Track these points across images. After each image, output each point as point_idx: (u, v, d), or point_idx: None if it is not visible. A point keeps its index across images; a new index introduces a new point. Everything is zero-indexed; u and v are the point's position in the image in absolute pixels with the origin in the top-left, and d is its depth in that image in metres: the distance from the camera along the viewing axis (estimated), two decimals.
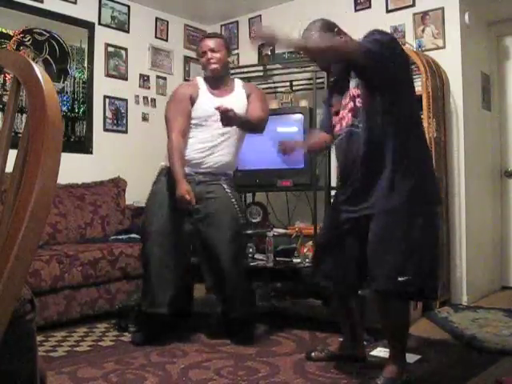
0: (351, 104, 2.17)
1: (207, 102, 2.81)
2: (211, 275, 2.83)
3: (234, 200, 2.82)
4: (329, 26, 2.27)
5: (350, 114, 2.18)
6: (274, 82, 4.29)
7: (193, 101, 2.84)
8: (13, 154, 0.90)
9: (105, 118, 4.20)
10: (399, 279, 1.96)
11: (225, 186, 2.83)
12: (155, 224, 2.75)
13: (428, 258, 2.05)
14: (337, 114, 2.31)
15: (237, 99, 2.86)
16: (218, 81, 2.90)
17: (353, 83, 2.17)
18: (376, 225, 2.06)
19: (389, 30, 3.87)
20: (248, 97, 2.91)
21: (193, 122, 2.82)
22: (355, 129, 2.14)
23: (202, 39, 2.96)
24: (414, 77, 3.55)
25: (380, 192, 2.05)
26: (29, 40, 3.66)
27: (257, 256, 3.51)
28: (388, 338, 2.17)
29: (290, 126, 3.74)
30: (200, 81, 2.95)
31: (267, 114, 2.89)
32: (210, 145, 2.81)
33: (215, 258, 2.74)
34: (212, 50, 2.85)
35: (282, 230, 3.73)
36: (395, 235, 2.01)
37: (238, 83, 3.00)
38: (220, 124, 2.63)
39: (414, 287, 2.01)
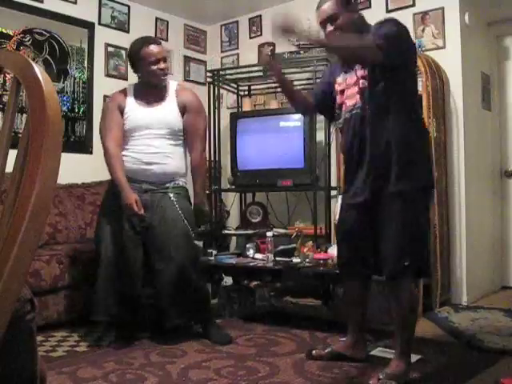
0: (358, 85, 2.21)
1: (135, 114, 2.77)
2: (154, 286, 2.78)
3: (180, 211, 2.72)
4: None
5: (358, 96, 2.21)
6: (274, 82, 4.28)
7: (121, 110, 2.78)
8: (13, 154, 0.90)
9: None
10: (405, 263, 2.08)
11: (171, 196, 2.75)
12: (106, 234, 2.72)
13: (425, 242, 2.24)
14: (342, 92, 2.32)
15: (167, 110, 2.79)
16: (153, 89, 2.81)
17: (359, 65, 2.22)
18: (385, 209, 2.14)
19: None
20: (183, 108, 2.82)
21: (126, 133, 2.77)
22: (361, 111, 2.19)
23: (151, 42, 2.77)
24: None
25: (390, 175, 2.12)
26: (29, 40, 3.66)
27: (257, 256, 3.51)
28: (398, 327, 2.17)
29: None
30: (130, 89, 2.87)
31: (204, 143, 2.91)
32: (145, 156, 2.73)
33: (159, 268, 2.69)
34: (164, 60, 2.78)
35: (282, 230, 3.73)
36: (403, 220, 2.11)
37: (172, 88, 2.86)
38: (151, 132, 2.72)
39: (415, 270, 2.14)
